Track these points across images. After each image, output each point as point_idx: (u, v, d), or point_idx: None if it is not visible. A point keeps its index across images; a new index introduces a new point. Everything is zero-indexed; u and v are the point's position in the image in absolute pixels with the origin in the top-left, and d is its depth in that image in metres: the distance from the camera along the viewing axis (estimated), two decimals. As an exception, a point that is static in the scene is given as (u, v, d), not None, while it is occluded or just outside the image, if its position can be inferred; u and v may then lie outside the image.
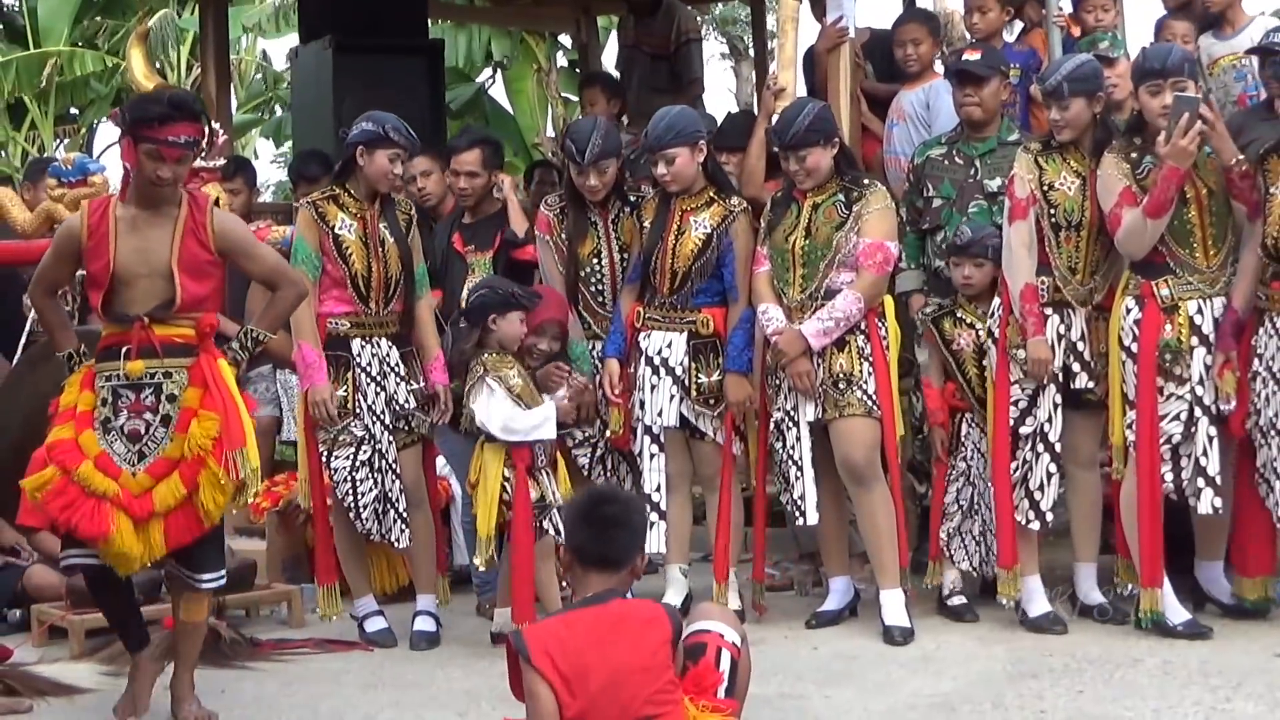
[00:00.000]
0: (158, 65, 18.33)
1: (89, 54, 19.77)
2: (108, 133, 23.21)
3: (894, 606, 6.74)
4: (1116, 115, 7.02)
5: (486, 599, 7.20)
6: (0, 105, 20.44)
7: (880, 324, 6.85)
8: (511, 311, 6.70)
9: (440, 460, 7.46)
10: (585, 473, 7.15)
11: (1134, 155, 6.49)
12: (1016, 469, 6.72)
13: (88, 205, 5.80)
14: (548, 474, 6.67)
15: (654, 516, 6.94)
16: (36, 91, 20.23)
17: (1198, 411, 6.40)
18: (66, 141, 22.63)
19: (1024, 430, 6.71)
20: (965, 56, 7.34)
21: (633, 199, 7.30)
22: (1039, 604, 6.76)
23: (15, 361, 8.85)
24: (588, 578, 4.56)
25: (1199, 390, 6.40)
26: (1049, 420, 6.69)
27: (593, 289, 7.21)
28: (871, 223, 6.80)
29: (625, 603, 4.59)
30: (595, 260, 7.21)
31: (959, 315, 6.97)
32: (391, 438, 6.91)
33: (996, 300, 6.81)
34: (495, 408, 6.57)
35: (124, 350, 5.63)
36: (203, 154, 7.08)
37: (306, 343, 6.79)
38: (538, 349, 6.87)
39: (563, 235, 7.24)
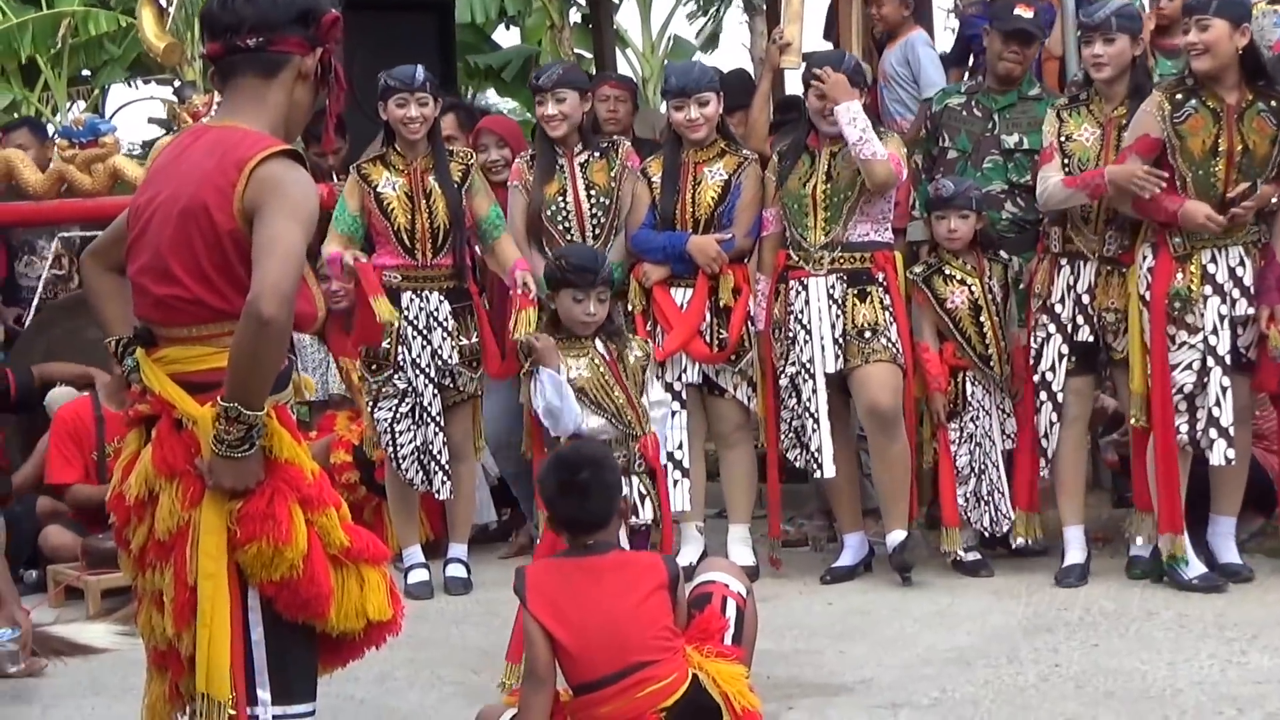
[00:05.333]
0: (170, 27, 18.27)
1: (102, 14, 19.66)
2: (120, 93, 23.19)
3: (899, 543, 6.80)
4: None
5: None
6: (14, 66, 20.38)
7: (897, 276, 6.88)
8: (563, 289, 5.80)
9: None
10: None
11: (1179, 96, 6.37)
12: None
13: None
14: (639, 483, 5.69)
15: (677, 474, 6.94)
16: (50, 53, 20.17)
17: (1210, 361, 6.34)
18: (80, 103, 22.60)
19: (1034, 379, 6.75)
20: (1018, 13, 7.22)
21: (603, 145, 7.32)
22: (1073, 554, 6.74)
23: (27, 325, 8.91)
24: (577, 539, 4.54)
25: (1211, 340, 6.34)
26: (1051, 370, 6.71)
27: (559, 227, 7.23)
28: (888, 144, 6.79)
29: (621, 552, 4.61)
30: (561, 198, 7.23)
31: (948, 273, 6.92)
32: (436, 391, 7.06)
33: (1031, 254, 6.86)
34: (538, 397, 5.68)
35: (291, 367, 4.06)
36: (214, 113, 7.06)
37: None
38: (490, 159, 7.41)
39: (530, 180, 7.30)
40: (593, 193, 7.22)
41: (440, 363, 7.05)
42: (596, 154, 7.28)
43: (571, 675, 4.40)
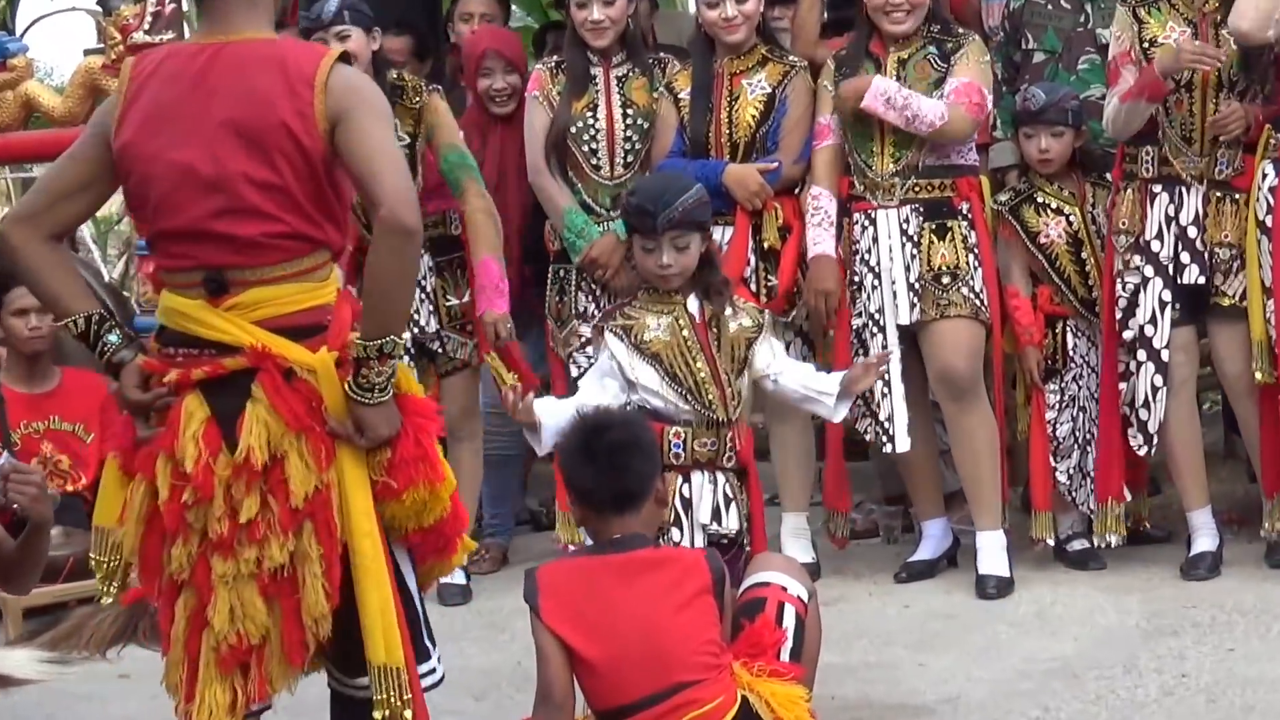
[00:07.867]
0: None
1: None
2: (33, 6, 23.07)
3: (991, 551, 6.72)
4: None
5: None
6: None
7: (984, 207, 6.82)
8: (633, 234, 5.46)
9: None
10: None
11: None
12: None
13: None
14: (725, 482, 5.30)
15: None
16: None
17: (1353, 296, 6.30)
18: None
19: (1126, 335, 6.67)
20: None
21: (649, 59, 7.25)
22: (1202, 541, 6.70)
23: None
24: (607, 523, 4.46)
25: (1354, 271, 6.30)
26: (1152, 322, 6.62)
27: (584, 148, 7.16)
28: (965, 66, 6.74)
29: (655, 549, 4.55)
30: (590, 114, 7.15)
31: (1041, 200, 6.85)
32: (428, 364, 7.02)
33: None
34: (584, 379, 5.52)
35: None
36: (148, 27, 6.96)
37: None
38: (494, 88, 7.39)
39: (556, 91, 7.22)
40: (629, 112, 7.16)
41: (418, 331, 6.94)
42: (638, 69, 7.20)
43: (596, 698, 4.38)
